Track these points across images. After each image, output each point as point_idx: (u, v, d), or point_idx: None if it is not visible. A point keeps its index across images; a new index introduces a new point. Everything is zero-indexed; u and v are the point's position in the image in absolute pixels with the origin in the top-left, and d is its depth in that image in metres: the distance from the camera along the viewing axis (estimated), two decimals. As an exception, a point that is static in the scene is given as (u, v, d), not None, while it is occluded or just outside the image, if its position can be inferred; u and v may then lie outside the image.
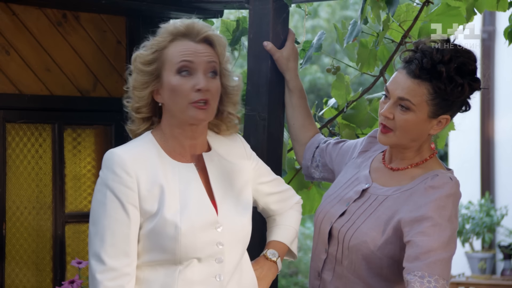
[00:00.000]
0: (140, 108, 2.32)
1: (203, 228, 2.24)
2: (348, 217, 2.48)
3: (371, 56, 3.12)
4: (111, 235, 2.19)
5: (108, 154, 2.25)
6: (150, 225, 2.21)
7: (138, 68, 2.28)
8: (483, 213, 8.63)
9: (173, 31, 2.27)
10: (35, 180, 3.38)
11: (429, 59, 2.38)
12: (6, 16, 3.26)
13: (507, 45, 3.19)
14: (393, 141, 2.46)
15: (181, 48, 2.25)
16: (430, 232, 2.32)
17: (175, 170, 2.28)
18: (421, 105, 2.41)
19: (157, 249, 2.22)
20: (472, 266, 8.52)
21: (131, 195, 2.20)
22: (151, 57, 2.27)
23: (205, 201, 2.28)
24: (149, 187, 2.22)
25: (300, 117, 2.93)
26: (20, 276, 3.34)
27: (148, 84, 2.27)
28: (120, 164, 2.21)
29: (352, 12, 13.72)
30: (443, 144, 3.10)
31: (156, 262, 2.24)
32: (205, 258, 2.25)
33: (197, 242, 2.23)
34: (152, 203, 2.22)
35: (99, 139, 3.55)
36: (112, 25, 3.53)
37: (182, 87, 2.23)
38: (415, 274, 2.27)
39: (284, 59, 2.94)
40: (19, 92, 3.29)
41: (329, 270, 2.50)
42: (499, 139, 9.28)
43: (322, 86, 13.91)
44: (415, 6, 3.06)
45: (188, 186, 2.27)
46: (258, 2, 2.99)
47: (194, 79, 2.23)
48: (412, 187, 2.43)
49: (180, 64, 2.24)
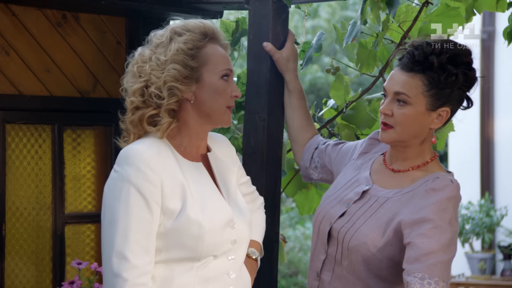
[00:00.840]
0: (174, 103, 2.30)
1: (222, 226, 2.29)
2: (348, 218, 2.48)
3: (370, 57, 3.12)
4: (135, 232, 2.18)
5: (129, 151, 2.23)
6: (173, 224, 2.22)
7: (182, 60, 2.29)
8: (483, 213, 8.63)
9: (206, 32, 2.33)
10: (34, 180, 3.38)
11: (420, 52, 2.40)
12: (6, 16, 3.26)
13: (506, 45, 3.19)
14: (394, 138, 2.46)
15: (222, 54, 2.34)
16: (430, 234, 2.32)
17: (188, 169, 2.31)
18: (417, 97, 2.41)
19: (178, 247, 2.24)
20: (472, 267, 8.52)
21: (155, 193, 2.21)
22: (192, 53, 2.30)
23: (220, 200, 2.33)
24: (171, 185, 2.24)
25: (299, 118, 2.93)
26: (20, 276, 3.34)
27: (191, 80, 2.29)
28: (145, 160, 2.21)
29: (353, 13, 13.72)
30: (443, 144, 3.10)
31: (173, 260, 2.25)
32: (221, 255, 2.30)
33: (217, 240, 2.27)
34: (175, 201, 2.23)
35: (98, 140, 3.55)
36: (111, 26, 3.54)
37: (226, 92, 2.32)
38: (415, 276, 2.27)
39: (283, 59, 2.94)
40: (19, 93, 3.30)
41: (328, 271, 2.50)
42: (499, 140, 9.28)
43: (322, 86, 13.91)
44: (414, 7, 3.06)
45: (202, 185, 2.31)
46: (257, 2, 2.99)
47: (230, 85, 2.34)
48: (413, 190, 2.43)
49: (225, 71, 2.33)
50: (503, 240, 8.69)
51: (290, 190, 3.32)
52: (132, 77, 2.32)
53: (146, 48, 2.33)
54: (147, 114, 2.28)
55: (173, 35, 2.31)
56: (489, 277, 8.02)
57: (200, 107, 2.31)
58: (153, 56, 2.30)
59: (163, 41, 2.31)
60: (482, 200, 8.91)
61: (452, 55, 2.41)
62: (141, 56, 2.32)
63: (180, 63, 2.28)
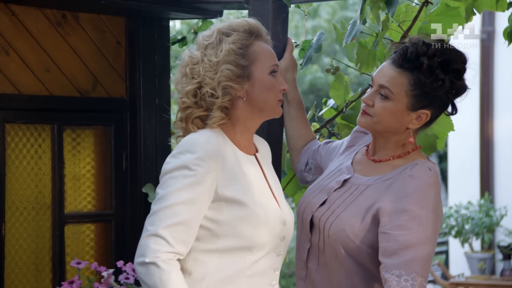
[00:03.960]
0: (228, 101, 2.37)
1: (277, 221, 2.38)
2: (328, 206, 2.50)
3: (370, 56, 3.12)
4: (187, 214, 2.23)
5: (191, 140, 2.30)
6: (234, 212, 2.30)
7: (234, 60, 2.36)
8: (483, 213, 8.64)
9: (251, 30, 2.40)
10: (34, 180, 3.38)
11: (414, 50, 2.41)
12: (6, 16, 3.26)
13: (506, 45, 3.19)
14: (369, 125, 2.48)
15: (269, 51, 2.42)
16: (408, 225, 2.32)
17: (245, 161, 2.39)
18: (400, 95, 2.42)
19: (235, 236, 2.30)
20: (472, 267, 8.53)
21: (213, 183, 2.28)
22: (242, 52, 2.37)
23: (271, 196, 2.43)
24: (230, 175, 2.31)
25: (298, 128, 2.94)
26: (19, 276, 3.34)
27: (243, 78, 2.37)
28: (207, 149, 2.28)
29: (353, 13, 13.73)
30: (442, 144, 3.10)
31: (228, 249, 2.31)
32: (271, 250, 2.37)
33: (272, 233, 2.35)
34: (233, 189, 2.30)
35: (98, 140, 3.55)
36: (111, 26, 3.54)
37: (275, 87, 2.41)
38: (392, 273, 2.29)
39: (282, 70, 2.93)
40: (19, 93, 3.29)
41: (313, 260, 2.51)
42: (498, 140, 9.29)
43: (322, 86, 13.92)
44: (414, 7, 3.06)
45: (257, 178, 2.40)
46: (257, 2, 2.99)
47: (278, 80, 2.43)
48: (393, 177, 2.44)
49: (273, 67, 2.41)
50: (503, 240, 8.70)
51: (290, 190, 3.31)
52: (184, 78, 2.39)
53: (195, 50, 2.40)
54: (195, 114, 2.37)
55: (221, 36, 2.38)
56: (489, 277, 8.02)
57: (253, 103, 2.39)
58: (204, 58, 2.37)
59: (212, 42, 2.38)
60: (481, 200, 8.92)
61: (445, 60, 2.40)
62: (191, 58, 2.38)
63: (232, 63, 2.36)
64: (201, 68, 2.35)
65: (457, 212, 8.74)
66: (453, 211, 8.78)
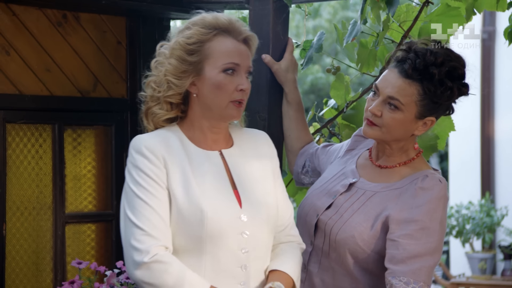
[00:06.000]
0: (172, 95, 2.33)
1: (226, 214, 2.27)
2: (335, 210, 2.49)
3: (370, 57, 3.13)
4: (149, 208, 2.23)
5: (135, 139, 2.31)
6: (176, 209, 2.25)
7: (179, 55, 2.31)
8: (483, 213, 8.63)
9: (216, 25, 2.32)
10: (35, 180, 3.38)
11: (422, 60, 2.40)
12: (6, 16, 3.26)
13: (507, 45, 3.19)
14: (377, 136, 2.48)
15: (228, 47, 2.30)
16: (417, 235, 2.34)
17: (198, 157, 2.32)
18: (409, 105, 2.42)
19: (183, 234, 2.25)
20: (473, 267, 8.52)
21: (161, 175, 2.26)
22: (193, 47, 2.31)
23: (226, 191, 2.31)
24: (173, 169, 2.28)
25: (296, 129, 2.94)
26: (20, 276, 3.34)
27: (189, 74, 2.31)
28: (147, 146, 2.27)
29: (354, 13, 13.73)
30: (443, 144, 3.10)
31: (182, 248, 2.26)
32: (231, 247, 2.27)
33: (221, 228, 2.25)
34: (177, 185, 2.27)
35: (99, 140, 3.55)
36: (112, 26, 3.54)
37: (227, 86, 2.30)
38: (400, 280, 2.31)
39: (282, 71, 2.93)
40: (19, 93, 3.30)
41: (315, 262, 2.51)
42: (499, 139, 9.28)
43: (323, 86, 13.91)
44: (415, 7, 3.06)
45: (211, 173, 2.32)
46: (258, 2, 2.99)
47: (237, 79, 2.30)
48: (402, 186, 2.45)
49: (227, 65, 2.30)
50: (504, 240, 8.69)
51: (290, 190, 3.31)
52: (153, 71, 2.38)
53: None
54: (151, 108, 2.35)
55: (180, 30, 2.34)
56: (490, 277, 8.02)
57: (203, 100, 2.33)
58: (161, 52, 2.35)
59: (171, 36, 2.35)
60: (482, 200, 8.91)
61: (451, 67, 2.41)
62: (157, 52, 2.37)
63: (177, 58, 2.31)
64: (156, 61, 2.35)
65: (458, 212, 8.73)
66: (454, 211, 8.78)
